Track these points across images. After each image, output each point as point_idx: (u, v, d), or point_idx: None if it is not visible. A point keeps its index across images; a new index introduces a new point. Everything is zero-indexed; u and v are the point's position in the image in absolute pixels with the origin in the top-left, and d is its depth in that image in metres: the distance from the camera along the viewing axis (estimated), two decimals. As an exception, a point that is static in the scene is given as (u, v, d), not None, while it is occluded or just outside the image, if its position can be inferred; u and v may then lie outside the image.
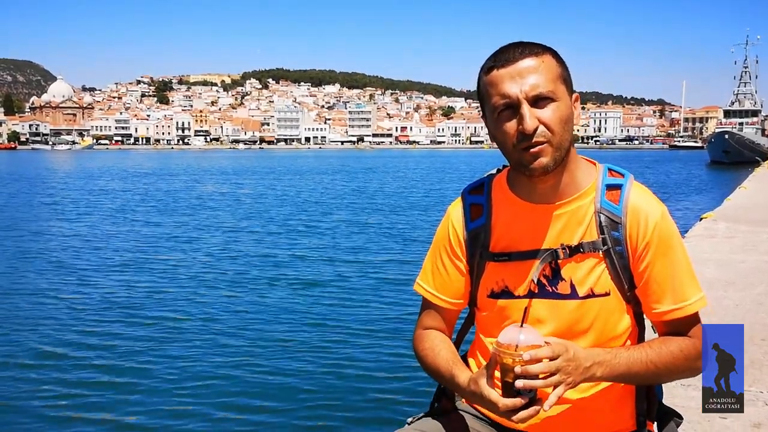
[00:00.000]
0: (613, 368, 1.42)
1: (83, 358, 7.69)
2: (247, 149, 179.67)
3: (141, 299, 10.51)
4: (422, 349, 1.63)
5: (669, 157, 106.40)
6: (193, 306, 10.02)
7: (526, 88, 1.39)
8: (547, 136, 1.40)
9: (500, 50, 1.46)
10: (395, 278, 11.77)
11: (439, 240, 1.65)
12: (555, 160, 1.42)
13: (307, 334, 8.43)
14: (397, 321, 8.88)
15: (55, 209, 25.64)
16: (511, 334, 1.34)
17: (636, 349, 1.46)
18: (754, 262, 6.76)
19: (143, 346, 8.06)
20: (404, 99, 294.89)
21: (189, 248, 15.68)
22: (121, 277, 12.23)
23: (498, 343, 1.34)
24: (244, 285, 11.47)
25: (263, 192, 35.15)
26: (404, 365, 6.95)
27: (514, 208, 1.55)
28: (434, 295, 1.64)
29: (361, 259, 13.76)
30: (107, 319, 9.35)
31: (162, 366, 7.33)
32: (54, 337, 8.41)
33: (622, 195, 1.50)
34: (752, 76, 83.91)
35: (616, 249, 1.49)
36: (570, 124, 1.44)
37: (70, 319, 9.27)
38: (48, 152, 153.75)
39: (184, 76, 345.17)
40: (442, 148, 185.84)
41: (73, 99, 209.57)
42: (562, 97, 1.43)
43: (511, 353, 1.31)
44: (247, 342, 8.15)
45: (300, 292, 10.93)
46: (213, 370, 7.19)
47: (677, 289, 1.48)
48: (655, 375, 1.47)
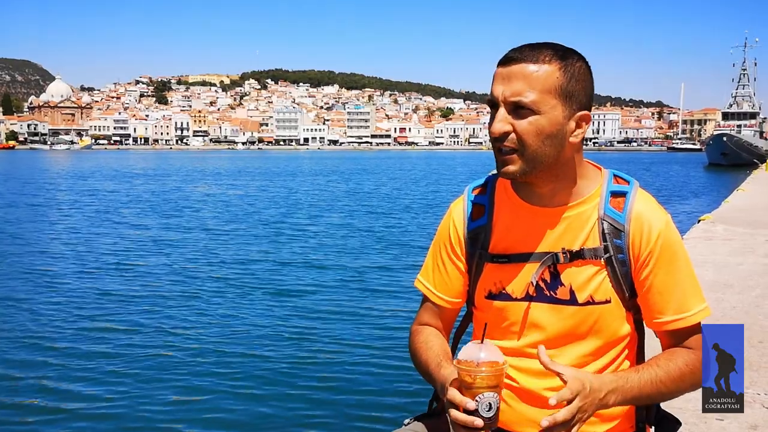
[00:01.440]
0: (625, 393, 1.39)
1: (42, 365, 7.18)
2: (245, 150, 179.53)
3: (111, 306, 9.80)
4: (415, 343, 1.63)
5: (667, 159, 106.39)
6: (161, 313, 9.43)
7: (507, 92, 1.38)
8: (517, 145, 1.39)
9: (513, 49, 1.43)
10: (389, 281, 11.72)
11: (440, 237, 1.64)
12: (523, 171, 1.41)
13: (298, 338, 8.26)
14: (392, 321, 8.85)
15: (37, 210, 25.00)
16: (471, 351, 1.31)
17: (644, 370, 1.44)
18: (752, 265, 6.77)
19: (111, 357, 7.52)
20: (403, 100, 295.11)
21: (169, 252, 15.07)
22: (94, 284, 11.42)
23: (458, 360, 1.32)
24: (223, 291, 10.88)
25: (253, 194, 34.47)
26: (400, 366, 6.94)
27: (516, 209, 1.54)
28: (433, 293, 1.64)
29: (348, 263, 13.40)
30: (70, 327, 8.67)
31: (145, 375, 6.94)
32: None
33: (626, 203, 1.48)
34: (750, 78, 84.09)
35: (618, 257, 1.46)
36: (554, 140, 1.40)
37: (33, 326, 8.68)
38: (46, 152, 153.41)
39: (182, 76, 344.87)
40: (441, 149, 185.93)
41: (71, 99, 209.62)
42: (548, 112, 1.38)
43: (470, 370, 1.29)
44: (233, 347, 7.87)
45: (294, 292, 10.81)
46: (191, 377, 6.88)
47: (680, 300, 1.46)
48: (665, 394, 1.45)
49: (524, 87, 1.37)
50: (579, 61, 1.42)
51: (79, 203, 28.52)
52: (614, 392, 1.37)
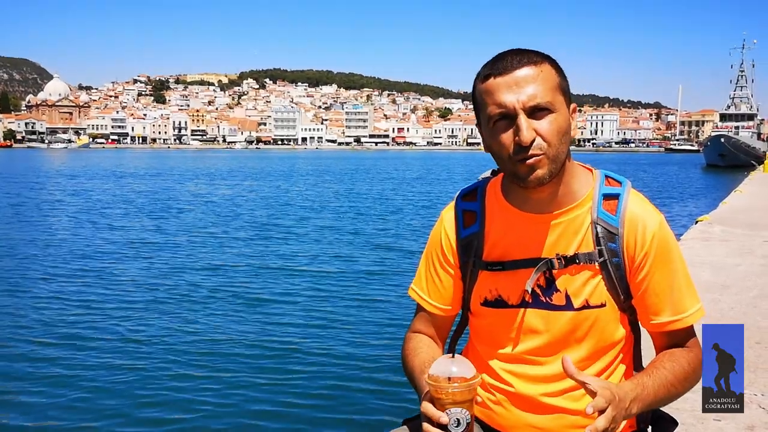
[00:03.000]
0: (644, 400, 1.39)
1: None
2: (243, 149, 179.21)
3: (74, 312, 9.37)
4: (405, 350, 1.63)
5: (665, 160, 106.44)
6: (136, 320, 8.99)
7: (524, 98, 1.35)
8: (543, 149, 1.37)
9: (497, 57, 1.41)
10: (385, 284, 11.72)
11: (432, 245, 1.64)
12: (551, 173, 1.39)
13: (294, 338, 8.25)
14: (389, 322, 8.85)
15: (18, 210, 24.36)
16: (443, 366, 1.29)
17: (655, 374, 1.43)
18: (750, 266, 6.79)
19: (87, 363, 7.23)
20: (401, 100, 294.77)
21: (148, 256, 14.42)
22: (59, 288, 10.95)
23: (429, 376, 1.30)
24: (197, 299, 10.41)
25: (242, 195, 33.68)
26: (397, 367, 6.91)
27: (508, 216, 1.52)
28: (427, 302, 1.64)
29: (339, 268, 13.25)
30: (35, 335, 8.28)
31: (130, 384, 6.71)
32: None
33: (619, 205, 1.47)
34: (748, 80, 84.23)
35: (613, 261, 1.46)
36: (567, 136, 1.41)
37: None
38: (43, 150, 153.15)
39: (181, 75, 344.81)
40: (439, 149, 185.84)
41: (69, 97, 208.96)
42: (560, 108, 1.39)
43: (440, 386, 1.27)
44: (224, 352, 7.72)
45: (289, 293, 10.85)
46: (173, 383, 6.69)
47: (676, 301, 1.46)
48: (674, 396, 1.45)
49: (537, 89, 1.36)
50: (555, 60, 1.45)
51: (61, 203, 27.84)
52: (636, 401, 1.36)
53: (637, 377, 1.44)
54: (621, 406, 1.31)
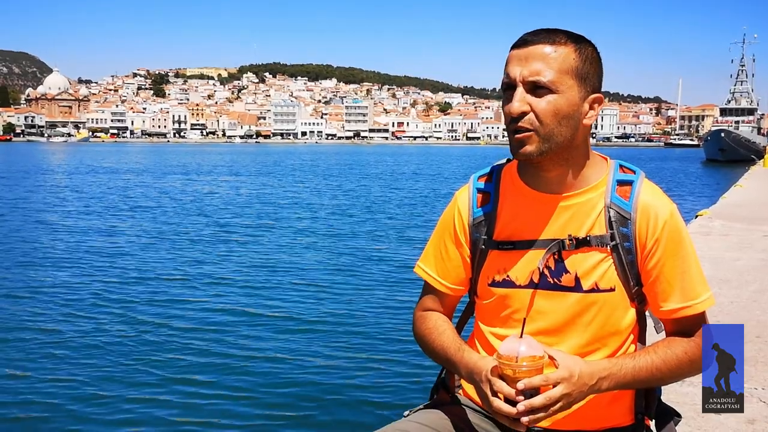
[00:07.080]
0: (618, 380, 1.41)
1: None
2: (243, 143, 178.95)
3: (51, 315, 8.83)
4: (425, 329, 1.62)
5: (665, 155, 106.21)
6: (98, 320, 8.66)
7: (526, 72, 1.39)
8: (534, 125, 1.40)
9: (530, 31, 1.45)
10: (386, 271, 11.72)
11: (444, 224, 1.64)
12: (540, 151, 1.41)
13: (293, 332, 8.26)
14: (393, 308, 8.85)
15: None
16: (512, 345, 1.35)
17: (641, 356, 1.45)
18: (749, 260, 6.80)
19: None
20: (401, 94, 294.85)
21: (122, 258, 13.46)
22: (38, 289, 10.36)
23: (499, 355, 1.35)
24: (190, 296, 10.19)
25: (229, 192, 32.15)
26: (399, 357, 6.91)
27: (521, 196, 1.54)
28: (435, 279, 1.64)
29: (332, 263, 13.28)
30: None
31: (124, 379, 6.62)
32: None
33: (632, 191, 1.49)
34: (749, 74, 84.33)
35: (625, 245, 1.47)
36: (570, 121, 1.41)
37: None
38: (43, 144, 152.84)
39: (180, 69, 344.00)
40: (439, 143, 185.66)
41: (68, 91, 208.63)
42: (566, 92, 1.40)
43: (511, 365, 1.33)
44: (219, 347, 7.71)
45: (286, 290, 10.87)
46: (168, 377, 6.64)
47: (686, 288, 1.47)
48: (660, 380, 1.47)
49: (542, 67, 1.38)
50: (591, 45, 1.46)
51: (34, 200, 26.15)
52: (606, 379, 1.39)
53: (621, 357, 1.47)
54: (582, 383, 1.35)
